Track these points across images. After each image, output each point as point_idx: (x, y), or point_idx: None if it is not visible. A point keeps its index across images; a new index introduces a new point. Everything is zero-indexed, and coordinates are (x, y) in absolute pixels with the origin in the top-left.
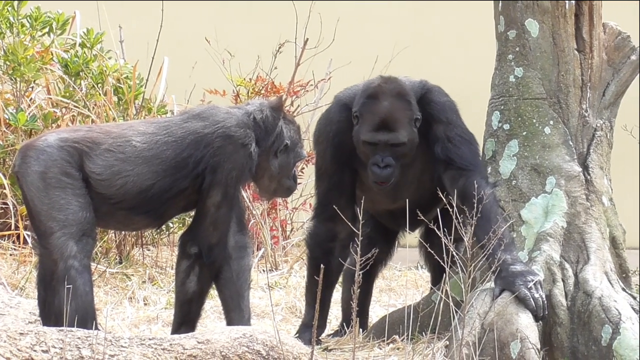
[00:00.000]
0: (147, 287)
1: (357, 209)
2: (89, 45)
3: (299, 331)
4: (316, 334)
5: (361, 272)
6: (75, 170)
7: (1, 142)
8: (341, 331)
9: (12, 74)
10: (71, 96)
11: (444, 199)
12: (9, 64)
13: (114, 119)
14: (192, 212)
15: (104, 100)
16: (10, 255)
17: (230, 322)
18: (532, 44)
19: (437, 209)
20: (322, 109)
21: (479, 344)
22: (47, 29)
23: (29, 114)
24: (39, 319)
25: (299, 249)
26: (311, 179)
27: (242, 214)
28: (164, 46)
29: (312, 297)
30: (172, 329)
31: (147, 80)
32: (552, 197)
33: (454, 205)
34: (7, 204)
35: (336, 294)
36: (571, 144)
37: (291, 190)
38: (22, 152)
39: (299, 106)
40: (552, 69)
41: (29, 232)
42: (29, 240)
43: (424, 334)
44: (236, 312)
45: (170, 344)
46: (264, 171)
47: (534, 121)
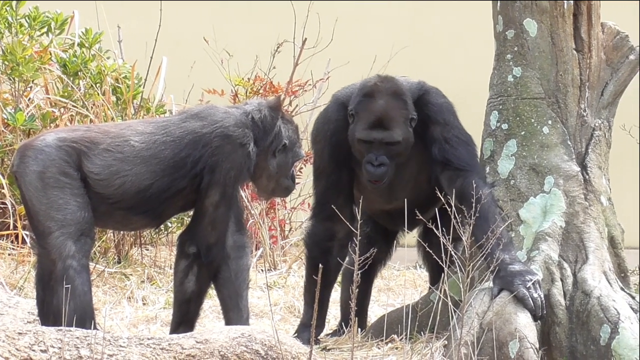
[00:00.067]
0: (145, 287)
1: (356, 209)
2: (87, 45)
3: (297, 331)
4: (315, 334)
5: (360, 272)
6: (73, 170)
7: (0, 142)
8: (340, 331)
9: (10, 74)
10: (70, 96)
11: (442, 198)
12: (7, 63)
13: (112, 118)
14: (190, 212)
15: (103, 100)
16: (8, 255)
17: (228, 322)
18: (531, 44)
19: (435, 209)
20: (320, 109)
21: (477, 344)
22: (45, 29)
23: (28, 113)
24: (38, 318)
25: (298, 249)
26: (309, 179)
27: (241, 214)
28: (162, 46)
29: (310, 297)
30: (170, 328)
31: (145, 80)
32: (551, 196)
33: (452, 205)
34: (5, 204)
35: (335, 294)
36: (570, 143)
37: (289, 189)
38: (21, 151)
39: (297, 106)
40: (551, 69)
41: (27, 232)
42: (28, 240)
43: (422, 333)
44: (235, 311)
45: (168, 344)
46: (262, 171)
47: (533, 121)
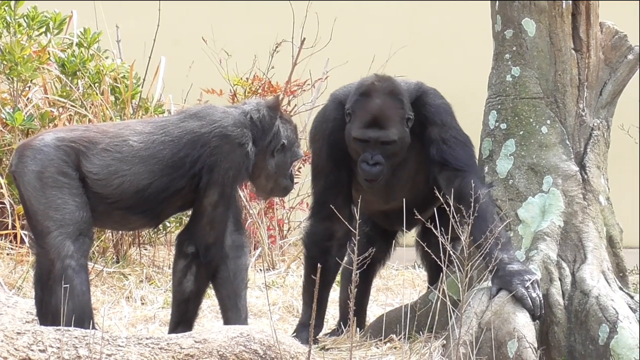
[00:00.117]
0: (144, 287)
1: (354, 208)
2: (86, 44)
3: (296, 330)
4: (313, 333)
5: (359, 272)
6: (72, 169)
7: None
8: (338, 330)
9: (9, 74)
10: (68, 96)
11: (440, 198)
12: (6, 63)
13: (110, 118)
14: (189, 212)
15: (101, 99)
16: (7, 254)
17: (227, 322)
18: (529, 44)
19: (432, 210)
20: (318, 109)
21: (476, 343)
22: (44, 29)
23: (26, 113)
24: (36, 318)
25: (296, 248)
26: (308, 178)
27: (239, 214)
28: (161, 46)
29: (309, 297)
30: (169, 328)
31: (144, 79)
32: (549, 196)
33: (451, 204)
34: (4, 204)
35: (334, 293)
36: (568, 143)
37: (288, 189)
38: (19, 151)
39: (295, 105)
40: (549, 69)
41: (26, 232)
42: (26, 239)
43: (421, 333)
44: (233, 311)
45: (167, 344)
46: (260, 170)
47: (531, 120)
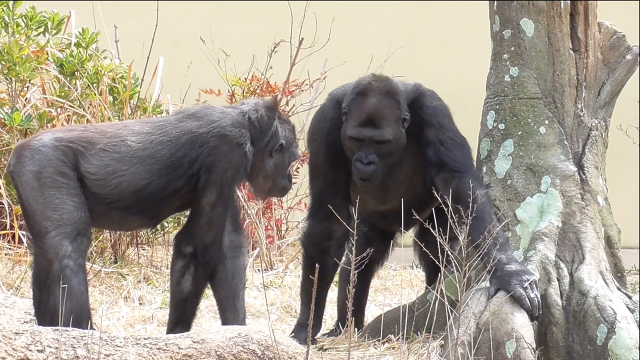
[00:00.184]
0: (142, 287)
1: (352, 208)
2: (84, 44)
3: (294, 330)
4: (312, 334)
5: (357, 272)
6: (70, 169)
7: None
8: (336, 330)
9: (7, 74)
10: (66, 96)
11: (439, 198)
12: (4, 63)
13: (109, 118)
14: (187, 212)
15: (99, 99)
16: (5, 254)
17: (225, 322)
18: (528, 44)
19: (429, 211)
20: (317, 109)
21: (474, 344)
22: (42, 29)
23: (24, 113)
24: (34, 318)
25: (294, 249)
26: (306, 178)
27: (237, 214)
28: (159, 46)
29: (307, 297)
30: (167, 328)
31: (142, 79)
32: (547, 196)
33: (449, 204)
34: (2, 204)
35: (332, 294)
36: (566, 143)
37: (286, 189)
38: (17, 151)
39: (294, 106)
40: (548, 69)
41: (24, 232)
42: (24, 239)
43: (419, 333)
44: (231, 311)
45: (165, 344)
46: (259, 171)
47: (529, 121)
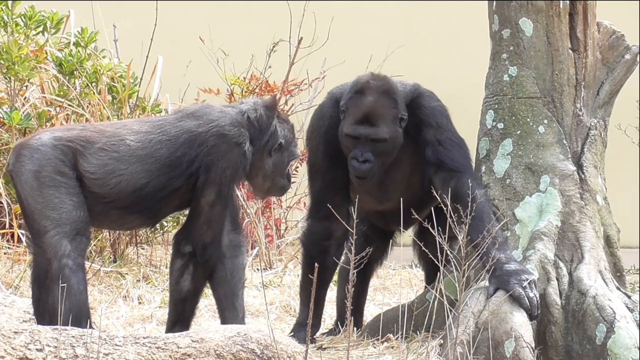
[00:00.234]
0: (141, 286)
1: (352, 207)
2: (83, 44)
3: (293, 330)
4: (311, 333)
5: (356, 271)
6: (69, 169)
7: None
8: (335, 330)
9: (6, 73)
10: (65, 95)
11: (438, 198)
12: (3, 62)
13: (108, 117)
14: (186, 211)
15: (98, 99)
16: (4, 253)
17: (224, 321)
18: (526, 43)
19: (427, 211)
20: (315, 108)
21: (473, 343)
22: (41, 28)
23: (23, 112)
24: (34, 317)
25: (293, 248)
26: (305, 178)
27: (236, 213)
28: (158, 45)
29: (306, 296)
30: (166, 327)
31: (141, 79)
32: (547, 196)
33: (448, 204)
34: (1, 203)
35: (331, 293)
36: (565, 143)
37: (285, 189)
38: (16, 151)
39: (293, 105)
40: (546, 68)
41: (23, 231)
42: (23, 239)
43: (418, 332)
44: (230, 310)
45: (164, 343)
46: (258, 170)
47: (528, 120)
